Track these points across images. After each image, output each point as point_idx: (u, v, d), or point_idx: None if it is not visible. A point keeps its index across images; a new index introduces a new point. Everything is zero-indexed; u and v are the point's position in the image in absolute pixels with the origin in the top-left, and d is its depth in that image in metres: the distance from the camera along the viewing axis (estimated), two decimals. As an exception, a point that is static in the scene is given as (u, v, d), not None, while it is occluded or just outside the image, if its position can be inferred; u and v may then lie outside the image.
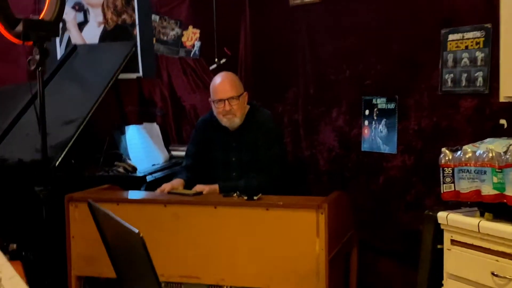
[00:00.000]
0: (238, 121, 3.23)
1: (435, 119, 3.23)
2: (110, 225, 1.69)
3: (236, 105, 3.19)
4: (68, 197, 2.94)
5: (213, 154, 3.32)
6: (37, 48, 2.53)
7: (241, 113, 3.24)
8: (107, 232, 1.77)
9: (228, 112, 3.19)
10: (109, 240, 1.79)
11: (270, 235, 2.71)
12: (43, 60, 2.57)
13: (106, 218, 1.68)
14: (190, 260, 2.79)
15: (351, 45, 3.64)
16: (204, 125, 3.41)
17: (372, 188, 3.57)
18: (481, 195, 2.38)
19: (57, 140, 3.52)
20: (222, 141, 3.30)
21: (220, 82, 3.24)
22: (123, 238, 1.58)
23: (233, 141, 3.29)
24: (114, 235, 1.71)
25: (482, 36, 2.99)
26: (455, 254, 2.51)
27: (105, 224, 1.75)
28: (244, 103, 3.27)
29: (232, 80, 3.26)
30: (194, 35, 4.55)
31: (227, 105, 3.18)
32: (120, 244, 1.67)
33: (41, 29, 2.55)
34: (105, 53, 4.27)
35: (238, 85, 3.26)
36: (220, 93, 3.20)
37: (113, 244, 1.76)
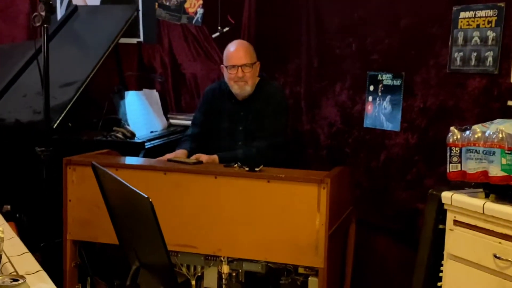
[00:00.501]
0: (249, 89, 3.24)
1: (442, 98, 3.18)
2: (115, 189, 1.64)
3: (249, 73, 3.20)
4: (66, 160, 2.89)
5: (220, 123, 3.31)
6: (42, 4, 2.45)
7: (253, 81, 3.24)
8: (111, 196, 1.72)
9: (240, 79, 3.20)
10: (112, 204, 1.74)
11: (270, 208, 2.68)
12: (48, 17, 2.49)
13: (112, 181, 1.63)
14: (187, 229, 2.76)
15: (359, 18, 3.57)
16: (212, 94, 3.40)
17: (372, 165, 3.53)
18: (488, 176, 2.34)
19: (55, 102, 3.45)
20: (229, 110, 3.30)
21: (235, 48, 3.27)
22: (130, 202, 1.54)
23: (241, 111, 3.28)
24: (119, 199, 1.67)
25: (495, 15, 2.92)
26: (457, 235, 2.48)
27: (110, 188, 1.70)
28: (256, 72, 3.28)
29: (247, 48, 3.28)
30: (197, 2, 4.45)
31: (239, 72, 3.19)
32: (126, 209, 1.63)
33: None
34: (106, 15, 4.18)
35: (252, 53, 3.28)
36: (235, 59, 3.22)
37: (117, 208, 1.71)
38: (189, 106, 4.38)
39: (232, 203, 2.72)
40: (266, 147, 3.16)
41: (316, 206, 2.62)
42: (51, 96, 3.44)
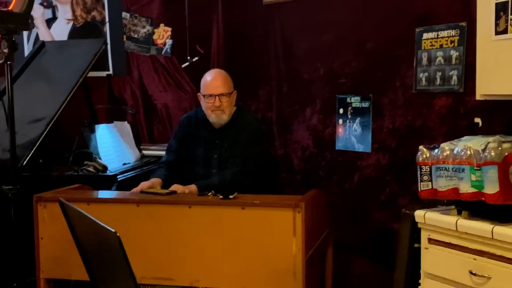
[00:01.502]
0: (226, 118, 3.26)
1: (410, 118, 3.23)
2: (83, 224, 1.62)
3: (226, 102, 3.22)
4: (36, 197, 2.85)
5: (196, 150, 3.31)
6: (5, 41, 2.44)
7: (229, 110, 3.27)
8: (79, 232, 1.70)
9: (218, 108, 3.22)
10: (81, 240, 1.71)
11: (246, 235, 2.66)
12: (11, 54, 2.47)
13: (79, 217, 1.61)
14: (163, 261, 2.73)
15: (325, 43, 3.63)
16: (188, 121, 3.40)
17: (346, 187, 3.55)
18: (459, 193, 2.37)
19: (24, 139, 3.42)
20: (205, 138, 3.31)
21: (212, 77, 3.29)
22: (98, 238, 1.52)
23: (216, 139, 3.29)
24: (87, 235, 1.64)
25: (457, 35, 2.99)
26: (432, 253, 2.50)
27: (77, 224, 1.67)
28: (233, 101, 3.30)
29: (225, 77, 3.30)
30: (166, 33, 4.48)
31: (217, 101, 3.20)
32: (94, 244, 1.61)
33: (10, 22, 2.46)
34: (74, 50, 4.16)
35: (229, 82, 3.30)
36: (212, 89, 3.23)
37: (86, 244, 1.69)
38: (162, 137, 4.37)
39: (208, 232, 2.70)
40: (238, 173, 3.15)
41: (292, 231, 2.61)
42: (20, 133, 3.41)
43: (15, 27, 2.50)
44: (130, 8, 4.44)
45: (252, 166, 3.21)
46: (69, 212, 1.69)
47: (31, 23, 4.31)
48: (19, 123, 3.47)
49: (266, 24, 3.97)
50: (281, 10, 3.86)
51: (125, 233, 2.70)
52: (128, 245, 2.68)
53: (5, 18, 2.44)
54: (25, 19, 2.60)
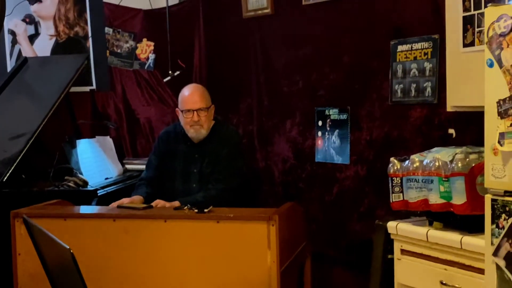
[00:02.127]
0: (204, 132, 3.27)
1: (386, 129, 3.26)
2: (44, 241, 1.64)
3: (204, 117, 3.24)
4: (13, 213, 2.86)
5: (174, 165, 3.33)
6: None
7: (208, 125, 3.28)
8: (42, 248, 1.71)
9: (196, 122, 3.24)
10: (45, 256, 1.73)
11: (221, 248, 2.68)
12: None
13: (40, 234, 1.63)
14: (140, 275, 2.73)
15: (304, 56, 3.66)
16: (167, 136, 3.42)
17: (325, 199, 3.57)
18: (428, 204, 2.40)
19: (5, 155, 3.44)
20: (184, 152, 3.32)
21: (190, 92, 3.30)
22: (57, 254, 1.53)
23: (195, 153, 3.31)
24: (48, 251, 1.66)
25: (430, 47, 3.03)
26: (405, 264, 2.52)
27: (39, 240, 1.69)
28: (211, 116, 3.32)
29: (202, 92, 3.31)
30: (149, 48, 4.51)
31: (195, 116, 3.22)
32: (55, 261, 1.62)
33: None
34: (56, 65, 4.18)
35: (207, 97, 3.31)
36: (190, 104, 3.25)
37: (48, 261, 1.70)
38: (145, 151, 4.39)
39: (183, 246, 2.71)
40: (223, 190, 3.17)
41: (266, 244, 2.63)
42: (1, 149, 3.44)
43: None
44: (113, 23, 4.47)
45: (236, 181, 3.25)
46: (32, 229, 1.71)
47: (14, 39, 4.35)
48: (0, 139, 3.51)
49: (246, 38, 4.00)
50: (260, 24, 3.90)
51: (101, 248, 2.76)
52: (104, 260, 2.73)
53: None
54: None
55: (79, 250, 1.63)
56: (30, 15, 4.37)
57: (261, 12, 3.88)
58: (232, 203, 3.04)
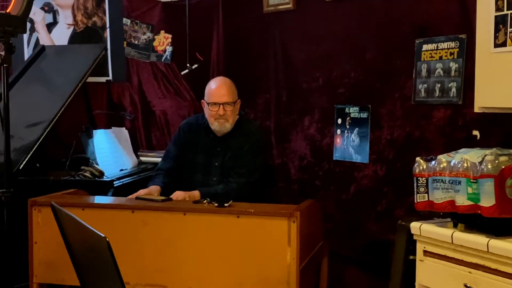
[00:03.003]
0: (229, 126, 3.25)
1: (408, 129, 3.22)
2: (74, 229, 1.61)
3: (230, 111, 3.22)
4: (31, 201, 2.84)
5: (195, 157, 3.30)
6: (2, 43, 2.43)
7: (233, 119, 3.26)
8: (70, 236, 1.69)
9: (221, 116, 3.22)
10: (72, 244, 1.70)
11: (241, 243, 2.65)
12: (8, 57, 2.47)
13: (70, 222, 1.60)
14: (157, 268, 2.71)
15: (325, 52, 3.62)
16: (189, 127, 3.39)
17: (342, 198, 3.54)
18: (455, 205, 2.36)
19: (21, 143, 3.42)
20: (206, 145, 3.30)
21: (217, 86, 3.28)
22: (88, 242, 1.51)
23: (218, 146, 3.29)
24: (78, 239, 1.63)
25: (457, 47, 2.99)
26: (427, 265, 2.48)
27: (68, 228, 1.66)
28: (236, 110, 3.30)
29: (229, 86, 3.29)
30: (166, 40, 4.48)
31: (221, 110, 3.20)
32: (84, 249, 1.59)
33: (8, 24, 2.45)
34: (74, 55, 4.17)
35: (234, 91, 3.29)
36: (216, 97, 3.22)
37: (77, 249, 1.68)
38: (160, 143, 4.37)
39: (202, 240, 2.69)
40: (244, 183, 3.17)
41: (286, 241, 2.60)
42: (17, 137, 3.41)
43: (13, 29, 2.49)
44: (131, 14, 4.44)
45: (257, 176, 3.24)
46: (61, 217, 1.68)
47: (32, 27, 4.32)
48: (17, 127, 3.48)
49: (266, 33, 3.97)
50: (281, 19, 3.86)
51: (119, 239, 2.73)
52: (122, 251, 2.68)
53: (3, 20, 2.44)
54: (23, 22, 2.60)
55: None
56: (49, 3, 4.35)
57: (282, 7, 3.84)
58: (252, 198, 3.02)
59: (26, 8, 2.53)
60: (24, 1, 2.51)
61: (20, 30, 2.54)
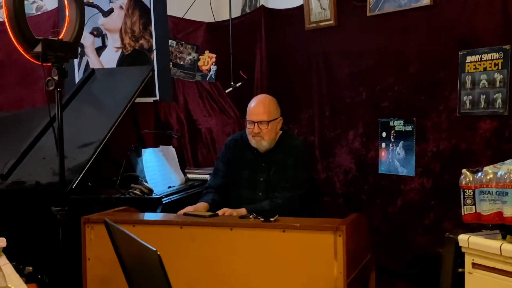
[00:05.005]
0: (265, 144, 3.29)
1: (454, 141, 3.20)
2: (126, 243, 1.67)
3: (265, 130, 3.25)
4: (84, 219, 2.93)
5: (241, 173, 3.36)
6: (55, 69, 2.55)
7: (270, 137, 3.29)
8: (123, 251, 1.75)
9: (257, 134, 3.26)
10: (125, 259, 1.77)
11: (287, 258, 2.67)
12: (61, 81, 2.58)
13: (123, 237, 1.67)
14: (205, 283, 2.76)
15: (367, 66, 3.64)
16: (234, 144, 3.46)
17: (389, 211, 3.53)
18: (503, 217, 2.34)
19: (74, 163, 3.53)
20: (251, 160, 3.36)
21: (255, 104, 3.33)
22: (140, 256, 1.57)
23: (262, 162, 3.33)
24: (130, 254, 1.70)
25: (501, 58, 2.97)
26: (477, 278, 2.46)
27: (121, 243, 1.73)
28: (275, 128, 3.31)
29: (267, 104, 3.32)
30: (211, 60, 4.59)
31: (256, 128, 3.25)
32: (137, 263, 1.65)
33: (60, 50, 2.57)
34: (122, 77, 4.29)
35: (272, 110, 3.31)
36: (253, 115, 3.28)
37: (130, 263, 1.74)
38: (206, 160, 4.45)
39: (249, 255, 2.72)
40: (289, 198, 3.20)
41: (333, 254, 2.61)
42: (70, 157, 3.54)
43: (65, 55, 2.61)
44: (176, 36, 4.56)
45: (303, 191, 3.26)
46: (114, 232, 1.75)
47: (82, 51, 4.49)
48: (70, 147, 3.60)
49: (308, 49, 4.02)
50: (323, 35, 3.91)
51: (168, 255, 2.77)
52: (170, 267, 2.72)
53: (56, 46, 2.56)
54: (75, 47, 2.71)
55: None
56: (98, 28, 4.51)
57: (324, 24, 3.88)
58: (298, 212, 3.04)
59: (77, 34, 2.65)
60: (76, 27, 2.63)
61: (72, 55, 2.65)
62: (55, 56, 2.55)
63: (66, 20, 2.64)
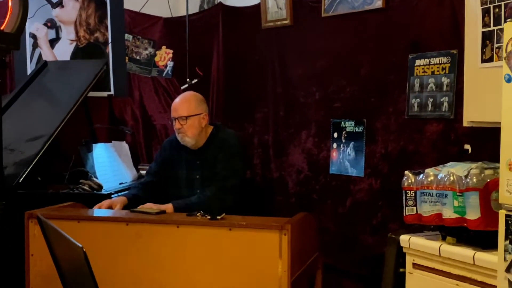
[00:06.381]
0: (189, 140, 3.29)
1: (402, 143, 3.25)
2: (57, 240, 1.65)
3: (186, 125, 3.26)
4: (28, 214, 2.88)
5: (177, 172, 3.37)
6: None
7: (192, 133, 3.28)
8: (55, 248, 1.73)
9: (178, 130, 3.28)
10: (57, 256, 1.74)
11: (233, 256, 2.68)
12: (1, 72, 2.52)
13: (53, 233, 1.64)
14: (150, 280, 2.74)
15: (321, 68, 3.67)
16: (169, 145, 3.47)
17: (339, 211, 3.56)
18: (442, 218, 2.39)
19: (22, 157, 3.46)
20: (186, 160, 3.36)
21: (176, 101, 3.38)
22: (69, 253, 1.55)
23: (197, 160, 3.34)
24: (61, 250, 1.67)
25: (448, 62, 3.02)
26: (416, 278, 2.51)
27: (53, 240, 1.70)
28: (196, 124, 3.29)
29: (187, 100, 3.33)
30: (167, 55, 4.55)
31: (177, 124, 3.28)
32: (67, 260, 1.63)
33: (1, 41, 2.51)
34: (75, 70, 4.23)
35: (192, 105, 3.31)
36: (172, 112, 3.34)
37: (61, 260, 1.72)
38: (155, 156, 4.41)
39: (195, 252, 2.72)
40: (217, 190, 3.19)
41: (278, 253, 2.62)
42: (18, 151, 3.48)
43: (6, 46, 2.55)
44: (133, 30, 4.52)
45: (233, 182, 3.24)
46: (46, 229, 1.72)
47: (35, 42, 4.40)
48: (18, 140, 3.54)
49: (265, 48, 4.02)
50: (279, 35, 3.92)
51: (114, 251, 2.78)
52: (116, 263, 2.75)
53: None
54: (16, 39, 2.65)
55: (92, 253, 1.63)
56: (52, 20, 4.43)
57: (280, 23, 3.90)
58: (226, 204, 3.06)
59: (19, 25, 2.60)
60: (18, 18, 2.58)
61: (13, 47, 2.60)
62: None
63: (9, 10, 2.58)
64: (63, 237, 1.54)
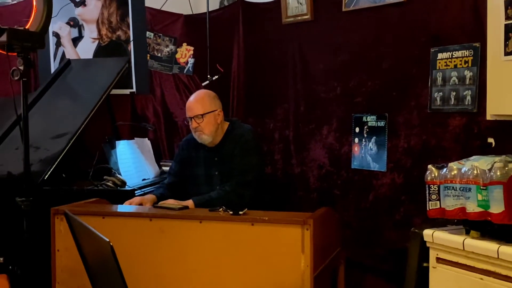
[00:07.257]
0: (207, 137, 3.31)
1: (424, 137, 3.23)
2: (84, 235, 1.68)
3: (202, 123, 3.28)
4: (53, 210, 2.92)
5: (196, 171, 3.40)
6: (21, 59, 2.53)
7: (209, 130, 3.30)
8: (82, 243, 1.76)
9: (195, 129, 3.30)
10: (84, 251, 1.77)
11: (255, 251, 2.68)
12: (27, 71, 2.57)
13: (80, 228, 1.67)
14: (173, 275, 2.77)
15: (342, 62, 3.66)
16: (187, 144, 3.50)
17: (361, 206, 3.55)
18: (466, 212, 2.37)
19: (47, 154, 3.52)
20: (204, 157, 3.39)
21: (190, 100, 3.40)
22: (96, 248, 1.57)
23: (214, 156, 3.36)
24: (88, 245, 1.70)
25: (471, 55, 3.00)
26: (440, 272, 2.49)
27: (80, 235, 1.73)
28: (212, 121, 3.31)
29: (201, 98, 3.35)
30: (188, 52, 4.58)
31: (193, 123, 3.30)
32: (94, 255, 1.66)
33: (26, 40, 2.55)
34: (98, 68, 4.27)
35: (207, 103, 3.32)
36: (188, 111, 3.35)
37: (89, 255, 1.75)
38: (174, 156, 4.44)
39: (217, 247, 2.73)
40: (236, 184, 3.21)
41: (300, 248, 2.63)
42: (43, 148, 3.53)
43: (31, 45, 2.59)
44: (154, 28, 4.55)
45: (251, 176, 3.25)
46: (73, 224, 1.75)
47: (58, 41, 4.46)
48: (43, 138, 3.60)
49: (285, 44, 4.03)
50: (299, 30, 3.92)
51: (137, 247, 2.81)
52: (140, 258, 2.78)
53: (22, 36, 2.54)
54: (41, 37, 2.69)
55: (116, 248, 1.65)
56: (74, 18, 4.48)
57: (300, 18, 3.90)
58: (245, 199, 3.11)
59: (44, 24, 2.63)
60: (43, 18, 2.61)
61: (38, 45, 2.63)
62: (21, 46, 2.53)
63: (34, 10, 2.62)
64: (90, 232, 1.57)
